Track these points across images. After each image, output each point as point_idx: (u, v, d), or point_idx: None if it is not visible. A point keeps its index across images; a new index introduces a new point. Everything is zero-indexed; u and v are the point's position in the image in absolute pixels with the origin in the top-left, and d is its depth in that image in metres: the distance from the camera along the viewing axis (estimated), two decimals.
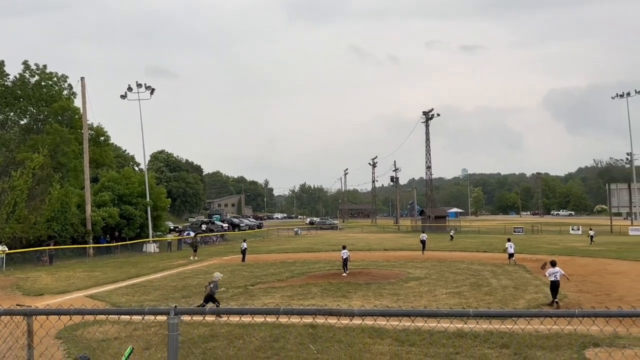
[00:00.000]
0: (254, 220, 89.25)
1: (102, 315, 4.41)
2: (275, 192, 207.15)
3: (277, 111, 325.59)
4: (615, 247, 36.24)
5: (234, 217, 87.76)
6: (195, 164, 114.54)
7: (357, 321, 10.92)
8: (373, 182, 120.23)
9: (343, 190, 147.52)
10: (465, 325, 10.31)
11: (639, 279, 19.94)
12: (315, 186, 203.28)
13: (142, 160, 53.96)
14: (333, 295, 16.76)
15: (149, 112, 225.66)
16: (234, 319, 10.76)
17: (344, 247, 23.65)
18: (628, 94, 76.57)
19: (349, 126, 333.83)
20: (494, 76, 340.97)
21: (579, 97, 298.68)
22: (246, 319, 10.41)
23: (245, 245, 31.34)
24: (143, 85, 46.49)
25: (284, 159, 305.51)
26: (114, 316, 11.25)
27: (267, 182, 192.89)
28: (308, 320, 11.20)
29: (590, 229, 47.50)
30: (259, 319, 10.62)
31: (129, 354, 4.56)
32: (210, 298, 13.54)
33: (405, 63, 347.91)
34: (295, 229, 71.53)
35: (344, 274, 22.00)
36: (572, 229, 62.14)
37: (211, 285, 13.78)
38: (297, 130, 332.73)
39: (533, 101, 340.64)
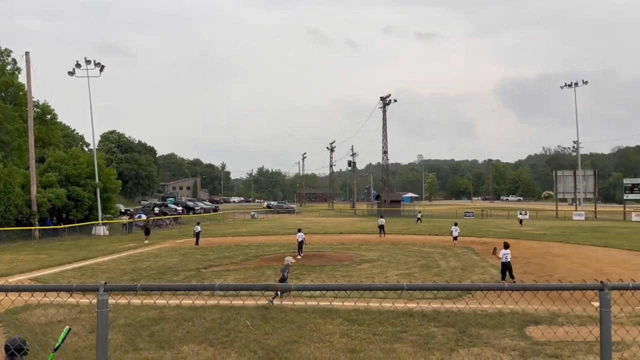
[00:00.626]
0: (210, 203, 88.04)
1: (39, 296, 4.22)
2: (233, 176, 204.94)
3: (235, 93, 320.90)
4: (559, 231, 37.92)
5: (189, 200, 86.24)
6: (148, 145, 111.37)
7: (308, 302, 10.99)
8: (331, 166, 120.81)
9: (301, 174, 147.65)
10: (413, 305, 10.57)
11: (579, 261, 20.94)
12: (274, 170, 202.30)
13: (92, 140, 51.91)
14: None
15: (100, 90, 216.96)
16: (186, 301, 10.60)
17: (299, 230, 23.74)
18: (576, 84, 79.65)
19: (307, 110, 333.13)
20: (449, 64, 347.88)
21: (530, 86, 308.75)
22: (194, 301, 10.29)
23: (199, 228, 30.91)
24: (92, 62, 44.70)
25: (241, 142, 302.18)
26: (58, 299, 10.86)
27: (224, 165, 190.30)
28: (261, 301, 11.20)
29: (520, 213, 50.65)
30: (205, 301, 10.52)
31: (65, 335, 4.40)
32: (283, 280, 13.26)
33: (363, 48, 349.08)
34: (252, 213, 71.16)
35: (299, 257, 22.07)
36: (520, 214, 64.60)
37: (286, 271, 13.63)
38: (255, 113, 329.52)
39: (486, 89, 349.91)
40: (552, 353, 8.13)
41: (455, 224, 30.34)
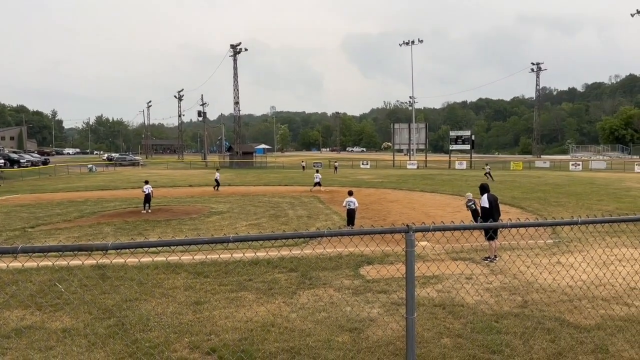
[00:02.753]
0: (39, 155, 78.93)
1: None
2: (66, 125, 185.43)
3: (64, 32, 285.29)
4: (395, 179, 41.62)
5: (13, 152, 76.18)
6: None
7: (149, 258, 10.59)
8: (179, 116, 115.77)
9: (146, 124, 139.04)
10: (259, 254, 10.84)
11: (410, 205, 23.27)
12: (115, 119, 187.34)
13: None
14: (128, 234, 15.93)
15: None
16: (2, 264, 9.53)
17: (146, 182, 22.55)
18: (412, 42, 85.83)
19: (151, 55, 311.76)
20: (298, 15, 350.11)
21: (372, 43, 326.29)
22: (17, 263, 9.30)
23: None
24: None
25: (74, 86, 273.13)
26: None
27: (54, 113, 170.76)
28: (95, 260, 10.51)
29: (335, 162, 59.31)
30: (31, 263, 9.57)
31: None
32: (476, 214, 13.20)
33: None
34: (90, 166, 65.49)
35: (144, 212, 21.08)
36: (362, 164, 69.28)
37: (470, 204, 13.50)
38: (88, 54, 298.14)
39: (333, 44, 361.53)
40: (381, 289, 9.01)
41: (317, 171, 34.92)
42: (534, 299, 8.35)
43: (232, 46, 74.19)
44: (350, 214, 16.24)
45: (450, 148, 69.44)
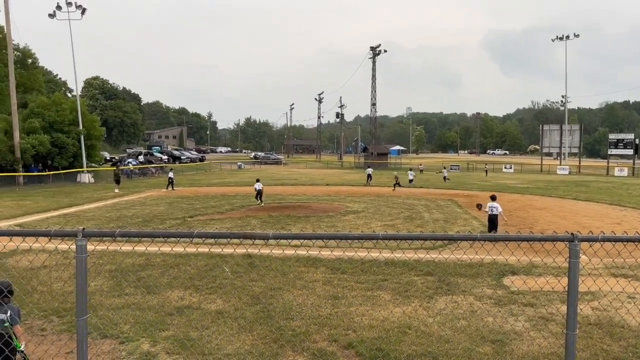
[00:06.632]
0: (196, 153, 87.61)
1: (17, 241, 4.24)
2: (219, 125, 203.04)
3: (219, 41, 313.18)
4: (543, 185, 38.53)
5: (175, 149, 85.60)
6: (133, 92, 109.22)
7: (292, 251, 11.20)
8: (319, 117, 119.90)
9: (289, 125, 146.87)
10: (395, 255, 10.80)
11: (560, 214, 21.38)
12: (261, 120, 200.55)
13: (75, 86, 50.70)
14: (272, 227, 16.95)
15: (83, 35, 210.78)
16: (167, 248, 10.74)
17: (257, 180, 24.83)
18: (567, 37, 78.61)
19: (294, 60, 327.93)
20: (434, 14, 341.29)
21: (516, 40, 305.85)
22: (179, 249, 10.42)
23: (171, 174, 33.13)
24: (73, 4, 43.06)
25: (228, 91, 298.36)
26: (37, 244, 10.88)
27: (210, 115, 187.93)
28: (245, 250, 11.38)
29: (446, 168, 49.60)
30: (191, 249, 10.68)
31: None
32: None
33: None
34: (239, 163, 71.04)
35: (257, 203, 23.39)
36: (505, 168, 65.37)
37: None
38: (241, 62, 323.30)
39: (472, 42, 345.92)
40: (527, 302, 8.41)
41: (411, 169, 35.99)
42: None
43: (372, 48, 74.88)
44: (493, 220, 15.29)
45: (609, 153, 62.32)
